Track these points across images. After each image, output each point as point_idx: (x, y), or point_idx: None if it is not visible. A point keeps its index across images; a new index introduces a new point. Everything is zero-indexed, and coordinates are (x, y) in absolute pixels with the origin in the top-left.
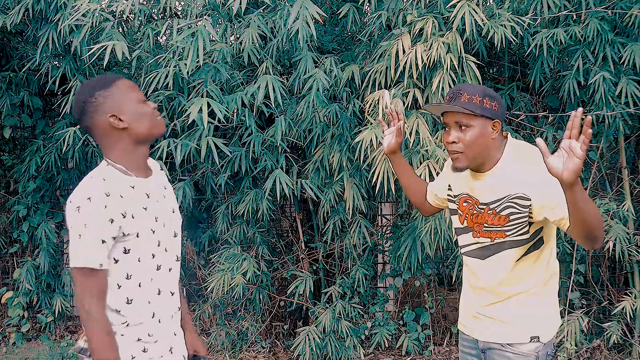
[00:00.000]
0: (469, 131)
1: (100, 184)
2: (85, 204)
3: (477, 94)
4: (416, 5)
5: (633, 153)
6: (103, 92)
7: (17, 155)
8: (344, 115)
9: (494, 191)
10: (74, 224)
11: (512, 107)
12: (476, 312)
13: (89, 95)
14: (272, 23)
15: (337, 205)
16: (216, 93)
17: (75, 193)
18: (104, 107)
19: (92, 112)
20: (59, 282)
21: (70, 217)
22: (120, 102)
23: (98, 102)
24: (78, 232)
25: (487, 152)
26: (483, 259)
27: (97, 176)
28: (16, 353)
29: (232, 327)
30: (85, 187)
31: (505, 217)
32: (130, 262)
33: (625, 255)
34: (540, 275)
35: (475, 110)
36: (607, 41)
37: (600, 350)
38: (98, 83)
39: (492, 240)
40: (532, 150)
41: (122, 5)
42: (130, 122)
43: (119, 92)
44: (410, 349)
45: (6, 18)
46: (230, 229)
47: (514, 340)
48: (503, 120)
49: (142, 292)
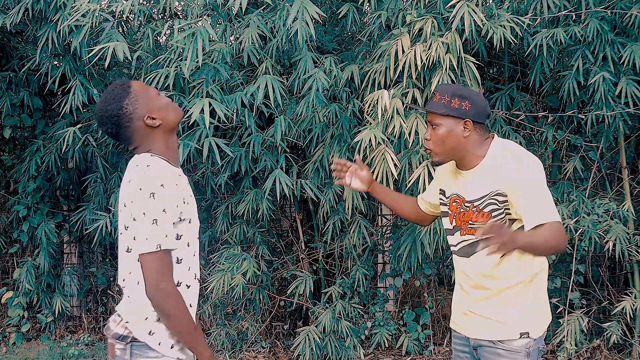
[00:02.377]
0: (438, 130)
1: (165, 170)
2: (159, 190)
3: (446, 95)
4: (416, 6)
5: (633, 153)
6: (127, 100)
7: (17, 155)
8: (344, 115)
9: (476, 189)
10: (148, 210)
11: (512, 107)
12: (466, 310)
13: (117, 109)
14: (271, 23)
15: (337, 205)
16: (216, 93)
17: (143, 181)
18: (136, 113)
19: (127, 122)
20: (58, 282)
21: (143, 204)
22: (146, 103)
23: (129, 110)
24: (154, 217)
25: (462, 150)
26: (469, 256)
27: (156, 164)
28: (16, 353)
29: (232, 327)
30: (153, 174)
31: (487, 213)
32: (181, 247)
33: (625, 255)
34: (526, 271)
35: (440, 111)
36: (607, 41)
37: (600, 350)
38: (118, 94)
39: (476, 237)
40: (515, 149)
41: (121, 5)
42: (161, 117)
43: (140, 94)
44: (410, 349)
45: (6, 18)
46: (230, 229)
47: (504, 337)
48: (481, 118)
49: (187, 277)
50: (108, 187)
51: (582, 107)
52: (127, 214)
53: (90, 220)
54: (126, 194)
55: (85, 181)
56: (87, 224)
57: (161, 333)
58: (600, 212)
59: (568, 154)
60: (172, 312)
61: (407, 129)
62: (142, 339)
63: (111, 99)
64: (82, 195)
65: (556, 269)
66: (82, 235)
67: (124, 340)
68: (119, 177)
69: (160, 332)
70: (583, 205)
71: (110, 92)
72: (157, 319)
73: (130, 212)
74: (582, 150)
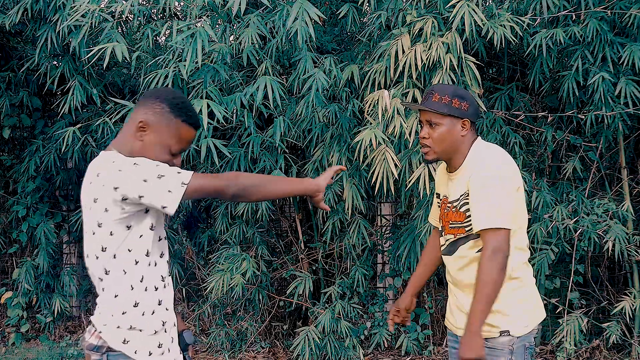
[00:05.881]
0: (438, 129)
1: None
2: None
3: (446, 94)
4: (415, 6)
5: (632, 153)
6: (160, 106)
7: (16, 156)
8: (344, 115)
9: (456, 189)
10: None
11: (511, 107)
12: (454, 307)
13: (154, 98)
14: (271, 23)
15: (337, 205)
16: (215, 94)
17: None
18: (148, 119)
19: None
20: (58, 283)
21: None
22: (167, 134)
23: (151, 114)
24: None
25: (456, 148)
26: (450, 254)
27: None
28: (15, 353)
29: (231, 327)
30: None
31: (463, 213)
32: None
33: (625, 255)
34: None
35: (442, 110)
36: (607, 41)
37: (599, 350)
38: (171, 94)
39: (454, 236)
40: (487, 153)
41: (121, 5)
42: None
43: (170, 123)
44: (409, 349)
45: (5, 18)
46: (230, 229)
47: (484, 335)
48: (475, 118)
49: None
50: None
51: (581, 107)
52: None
53: None
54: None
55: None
56: None
57: (136, 341)
58: (599, 212)
59: (567, 154)
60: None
61: (408, 129)
62: (118, 348)
63: (169, 93)
64: None
65: (555, 269)
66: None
67: (99, 351)
68: None
69: (135, 339)
70: (582, 205)
71: (175, 93)
72: (129, 327)
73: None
74: (582, 150)
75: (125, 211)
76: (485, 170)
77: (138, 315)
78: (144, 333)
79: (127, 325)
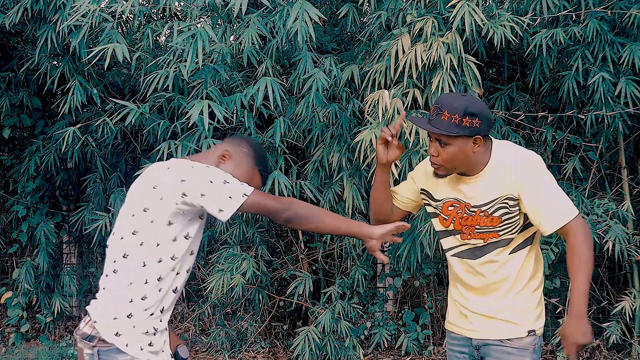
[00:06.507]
0: (447, 148)
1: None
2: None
3: (457, 113)
4: (416, 6)
5: (632, 153)
6: (244, 146)
7: (16, 156)
8: (344, 115)
9: (484, 194)
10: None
11: (511, 107)
12: (468, 312)
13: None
14: (271, 24)
15: (337, 205)
16: (216, 94)
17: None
18: (232, 151)
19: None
20: (58, 283)
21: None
22: (239, 167)
23: (234, 150)
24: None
25: (469, 163)
26: (475, 258)
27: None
28: (15, 353)
29: (231, 327)
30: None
31: (497, 217)
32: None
33: (625, 255)
34: (529, 270)
35: (452, 132)
36: (607, 41)
37: (599, 350)
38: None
39: (485, 241)
40: (517, 151)
41: (121, 6)
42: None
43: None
44: (409, 349)
45: (5, 18)
46: (230, 229)
47: (513, 335)
48: (488, 131)
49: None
50: (107, 187)
51: (581, 107)
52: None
53: (89, 220)
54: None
55: (84, 181)
56: (86, 224)
57: (129, 334)
58: (599, 212)
59: (567, 154)
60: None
61: (408, 129)
62: (110, 340)
63: (257, 144)
64: (82, 196)
65: (556, 269)
66: (82, 236)
67: (91, 341)
68: (119, 178)
69: (128, 333)
70: (582, 205)
71: (261, 146)
72: (128, 315)
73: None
74: (582, 150)
75: (177, 207)
76: (533, 169)
77: (140, 310)
78: (136, 330)
79: (124, 318)
